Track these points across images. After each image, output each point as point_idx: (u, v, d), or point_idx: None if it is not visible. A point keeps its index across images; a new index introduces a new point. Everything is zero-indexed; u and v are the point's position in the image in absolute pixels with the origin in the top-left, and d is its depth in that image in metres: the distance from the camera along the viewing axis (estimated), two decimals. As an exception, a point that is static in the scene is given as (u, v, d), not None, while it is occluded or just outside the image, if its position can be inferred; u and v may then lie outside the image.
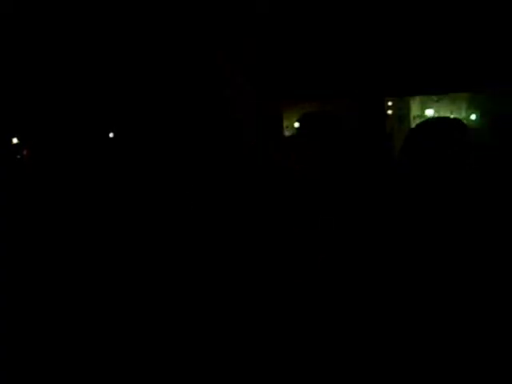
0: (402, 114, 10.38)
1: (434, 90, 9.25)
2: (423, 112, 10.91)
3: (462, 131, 2.14)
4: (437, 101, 10.54)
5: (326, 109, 9.88)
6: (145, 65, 8.38)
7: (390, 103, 9.79)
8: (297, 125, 10.42)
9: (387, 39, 8.12)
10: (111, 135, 8.10)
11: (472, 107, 10.23)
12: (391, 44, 8.22)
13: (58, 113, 8.05)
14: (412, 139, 2.31)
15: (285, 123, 10.00)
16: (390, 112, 9.84)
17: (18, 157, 7.80)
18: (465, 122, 10.42)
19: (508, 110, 10.15)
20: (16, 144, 7.83)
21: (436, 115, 10.75)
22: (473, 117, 10.26)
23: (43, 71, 8.07)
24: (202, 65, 8.23)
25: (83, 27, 8.25)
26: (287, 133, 9.80)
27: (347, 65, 8.38)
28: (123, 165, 6.43)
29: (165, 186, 5.00)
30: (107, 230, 4.76)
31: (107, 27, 8.21)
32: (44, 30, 7.97)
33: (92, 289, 3.79)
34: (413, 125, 10.55)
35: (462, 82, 8.49)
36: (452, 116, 10.54)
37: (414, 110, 10.84)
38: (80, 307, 3.59)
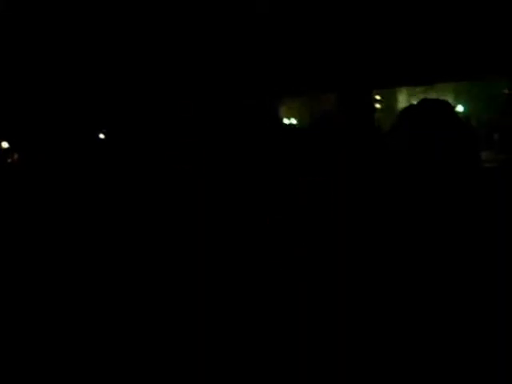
0: (390, 107, 10.44)
1: (421, 80, 9.30)
2: (410, 103, 10.90)
3: (451, 109, 2.15)
4: (423, 92, 10.61)
5: (313, 104, 9.94)
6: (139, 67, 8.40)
7: (377, 97, 9.85)
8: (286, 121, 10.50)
9: (373, 31, 8.17)
10: (101, 136, 8.11)
11: (459, 97, 10.32)
12: (377, 36, 8.27)
13: (47, 116, 8.05)
14: (403, 118, 2.29)
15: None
16: (377, 106, 9.91)
17: (9, 161, 7.79)
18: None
19: (493, 99, 10.25)
20: (6, 149, 7.83)
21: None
22: (460, 108, 10.36)
23: (33, 75, 8.06)
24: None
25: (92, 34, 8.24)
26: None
27: (333, 59, 8.42)
28: (114, 165, 6.43)
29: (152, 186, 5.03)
30: (101, 231, 4.77)
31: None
32: (36, 34, 7.95)
33: (89, 289, 3.81)
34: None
35: (448, 71, 8.55)
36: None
37: (401, 102, 10.91)
38: (79, 307, 3.62)
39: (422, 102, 2.18)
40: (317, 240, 2.55)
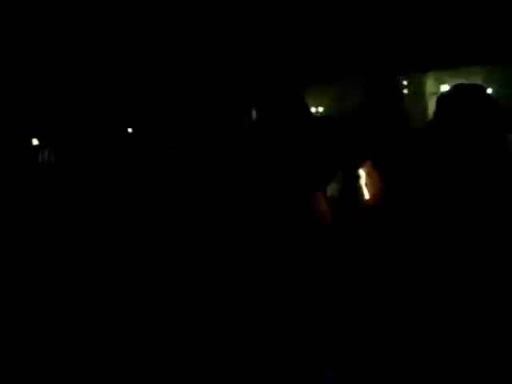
0: (417, 92, 10.32)
1: (449, 63, 9.17)
2: (438, 89, 10.82)
3: (488, 96, 2.12)
4: (451, 76, 10.44)
5: (339, 95, 9.87)
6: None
7: (404, 82, 9.73)
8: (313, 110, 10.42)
9: (397, 16, 8.08)
10: (129, 130, 8.18)
11: (488, 81, 10.15)
12: (401, 20, 8.18)
13: (76, 112, 8.12)
14: (444, 109, 2.23)
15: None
16: (405, 91, 9.77)
17: (39, 158, 7.88)
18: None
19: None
20: (36, 145, 7.92)
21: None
22: (489, 91, 10.16)
23: (62, 73, 8.13)
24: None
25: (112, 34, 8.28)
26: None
27: (360, 45, 8.35)
28: (142, 160, 6.49)
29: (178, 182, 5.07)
30: (132, 227, 4.83)
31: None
32: (57, 31, 8.01)
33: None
34: (429, 102, 10.49)
35: (476, 54, 8.42)
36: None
37: (429, 86, 10.77)
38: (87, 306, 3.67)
39: (457, 88, 2.12)
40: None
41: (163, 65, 8.38)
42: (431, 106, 10.59)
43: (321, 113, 10.37)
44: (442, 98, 2.14)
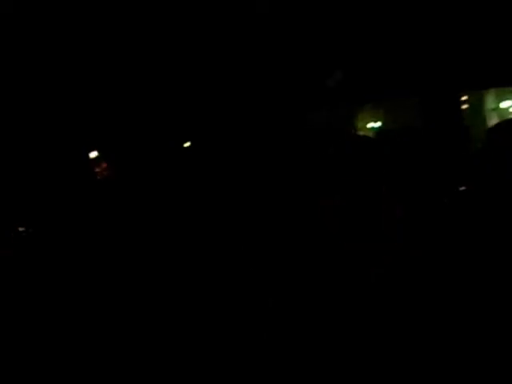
0: (476, 108, 10.11)
1: (509, 81, 8.96)
2: (498, 105, 10.58)
3: None
4: (512, 92, 10.21)
5: (394, 109, 9.77)
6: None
7: (463, 97, 9.55)
8: (370, 125, 10.35)
9: (460, 32, 7.94)
10: (187, 144, 8.24)
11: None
12: (463, 36, 8.04)
13: (134, 125, 8.23)
14: (493, 140, 2.23)
15: (359, 125, 9.94)
16: (463, 106, 9.60)
17: (97, 170, 8.00)
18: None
19: None
20: (95, 157, 8.05)
21: (512, 107, 10.41)
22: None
23: (119, 84, 8.27)
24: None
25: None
26: (361, 132, 9.74)
27: (418, 61, 8.24)
28: (199, 173, 6.53)
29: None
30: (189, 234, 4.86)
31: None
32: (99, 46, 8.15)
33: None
34: (488, 118, 10.25)
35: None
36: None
37: (489, 102, 10.53)
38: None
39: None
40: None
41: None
42: (491, 122, 10.37)
43: (378, 127, 10.28)
44: (493, 129, 2.13)
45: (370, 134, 9.53)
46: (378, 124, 10.11)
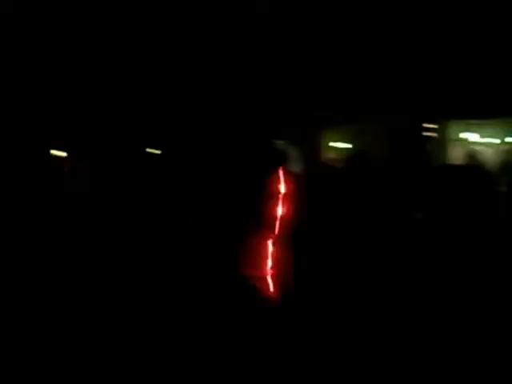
0: (442, 138, 10.32)
1: (472, 115, 9.21)
2: (464, 135, 10.81)
3: None
4: (478, 124, 10.44)
5: (363, 131, 9.93)
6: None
7: (430, 126, 9.77)
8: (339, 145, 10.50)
9: (430, 65, 8.15)
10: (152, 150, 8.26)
11: (509, 132, 10.14)
12: (432, 70, 8.25)
13: (101, 127, 8.23)
14: None
15: (325, 144, 10.08)
16: (430, 135, 9.83)
17: (64, 169, 7.97)
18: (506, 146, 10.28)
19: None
20: (62, 157, 8.01)
21: (477, 139, 10.66)
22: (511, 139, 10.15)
23: (89, 86, 8.26)
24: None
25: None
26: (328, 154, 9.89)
27: (385, 88, 8.43)
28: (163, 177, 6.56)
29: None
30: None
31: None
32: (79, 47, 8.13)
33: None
34: (451, 148, 10.48)
35: (498, 108, 8.46)
36: (492, 140, 10.43)
37: (455, 133, 10.74)
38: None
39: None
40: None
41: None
42: (455, 151, 10.60)
43: (344, 150, 10.43)
44: None
45: (337, 155, 9.69)
46: (347, 145, 10.30)
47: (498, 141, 10.36)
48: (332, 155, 9.77)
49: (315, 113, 8.66)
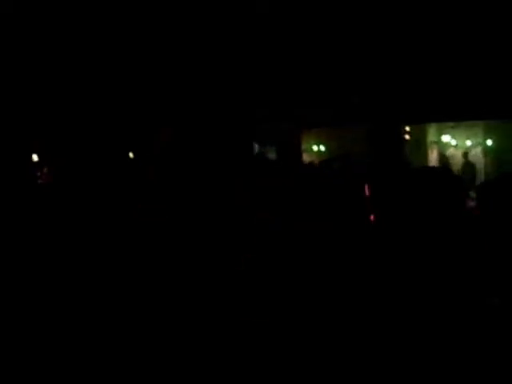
0: (419, 140, 10.40)
1: (450, 117, 9.29)
2: (440, 138, 10.92)
3: None
4: (453, 127, 10.56)
5: (340, 134, 9.99)
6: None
7: (406, 128, 9.83)
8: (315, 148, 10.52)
9: (405, 67, 8.20)
10: (131, 155, 8.18)
11: (487, 133, 10.26)
12: (409, 72, 8.31)
13: (78, 131, 8.13)
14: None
15: (303, 146, 10.09)
16: (407, 137, 9.88)
17: (38, 174, 7.86)
18: (481, 147, 10.42)
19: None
20: (36, 161, 7.90)
21: (453, 141, 10.77)
22: (489, 142, 10.28)
23: (66, 87, 8.15)
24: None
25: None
26: (305, 155, 9.91)
27: (364, 92, 8.46)
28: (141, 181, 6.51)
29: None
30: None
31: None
32: (63, 44, 8.04)
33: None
34: (429, 150, 10.57)
35: (476, 110, 8.54)
36: (469, 142, 10.56)
37: (431, 135, 10.86)
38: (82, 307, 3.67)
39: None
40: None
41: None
42: (431, 153, 10.70)
43: (323, 151, 10.45)
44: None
45: (315, 157, 9.71)
46: (322, 148, 10.34)
47: (470, 143, 10.52)
48: (312, 157, 9.79)
49: (296, 113, 8.66)
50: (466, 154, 10.32)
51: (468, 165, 10.03)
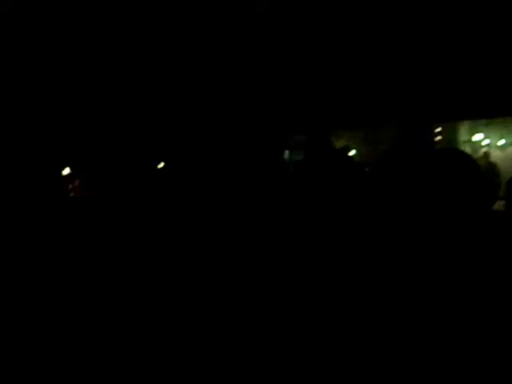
0: (451, 139, 10.25)
1: (482, 114, 9.13)
2: (471, 137, 10.73)
3: None
4: (486, 125, 10.36)
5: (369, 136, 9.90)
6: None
7: (438, 129, 9.69)
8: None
9: (436, 65, 8.09)
10: (160, 166, 8.22)
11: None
12: (439, 70, 8.19)
13: (109, 144, 8.21)
14: None
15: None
16: (438, 138, 9.74)
17: (70, 187, 7.95)
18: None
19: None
20: (68, 174, 8.00)
21: (486, 140, 10.57)
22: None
23: (99, 104, 8.25)
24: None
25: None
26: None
27: (395, 92, 8.37)
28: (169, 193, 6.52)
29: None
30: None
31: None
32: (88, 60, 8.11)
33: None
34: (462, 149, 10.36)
35: (509, 106, 8.37)
36: (504, 140, 10.35)
37: (463, 135, 10.68)
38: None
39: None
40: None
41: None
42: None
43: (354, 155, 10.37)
44: None
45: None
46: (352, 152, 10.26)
47: (503, 141, 10.31)
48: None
49: (320, 119, 8.63)
50: (486, 155, 10.09)
51: (490, 165, 9.84)
